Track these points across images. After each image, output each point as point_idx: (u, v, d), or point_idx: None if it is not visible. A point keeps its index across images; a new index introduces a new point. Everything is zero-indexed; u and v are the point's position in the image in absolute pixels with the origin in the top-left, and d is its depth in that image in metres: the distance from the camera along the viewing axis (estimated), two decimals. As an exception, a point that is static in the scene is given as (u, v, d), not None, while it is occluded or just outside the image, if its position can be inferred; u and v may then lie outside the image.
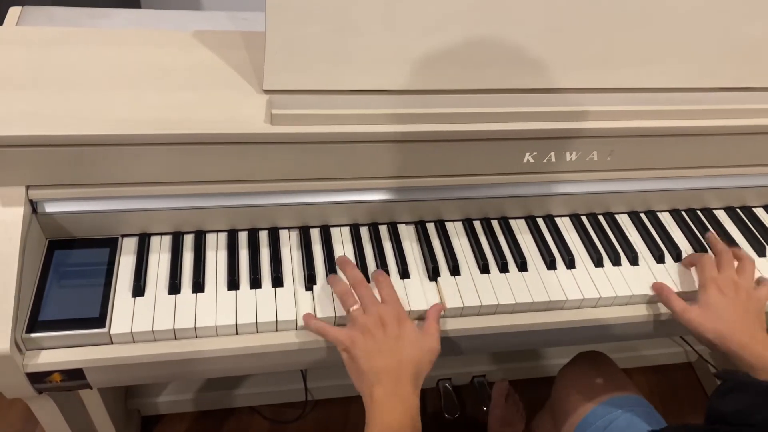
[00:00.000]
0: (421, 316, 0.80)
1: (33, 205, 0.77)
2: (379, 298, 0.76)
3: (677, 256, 0.91)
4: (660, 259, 0.90)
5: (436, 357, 0.74)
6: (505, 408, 1.41)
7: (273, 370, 0.82)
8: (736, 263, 0.84)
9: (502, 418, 1.39)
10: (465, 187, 0.88)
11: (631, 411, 0.89)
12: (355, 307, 0.74)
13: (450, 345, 0.82)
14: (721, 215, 1.00)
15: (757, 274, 0.85)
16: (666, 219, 0.98)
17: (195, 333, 0.75)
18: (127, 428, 1.26)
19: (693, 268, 0.87)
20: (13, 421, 1.32)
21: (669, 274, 0.88)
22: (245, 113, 0.77)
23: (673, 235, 0.94)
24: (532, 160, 0.85)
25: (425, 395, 1.47)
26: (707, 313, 0.78)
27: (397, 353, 0.70)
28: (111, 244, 0.82)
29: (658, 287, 0.84)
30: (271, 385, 1.38)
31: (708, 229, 0.96)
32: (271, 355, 0.77)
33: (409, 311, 0.79)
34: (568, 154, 0.85)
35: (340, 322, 0.78)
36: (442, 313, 0.79)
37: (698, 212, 0.99)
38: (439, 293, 0.82)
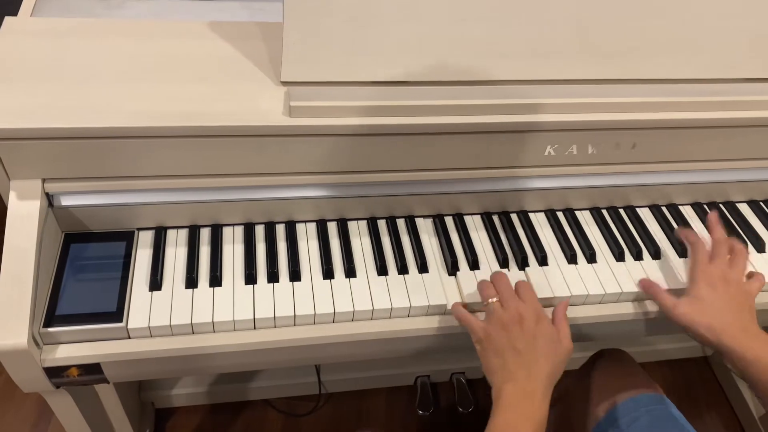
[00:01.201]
0: (438, 312, 0.79)
1: (49, 199, 0.76)
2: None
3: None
4: (682, 253, 0.89)
5: (569, 357, 0.72)
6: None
7: (290, 365, 0.81)
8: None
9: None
10: (484, 180, 0.87)
11: (653, 410, 0.87)
12: (494, 299, 0.73)
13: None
14: (744, 208, 0.98)
15: (750, 268, 0.84)
16: (688, 212, 0.96)
17: (213, 327, 0.75)
18: (141, 421, 1.26)
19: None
20: (27, 415, 1.32)
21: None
22: (263, 105, 0.75)
23: (695, 229, 0.93)
24: (553, 153, 0.83)
25: (437, 389, 1.47)
26: (698, 308, 0.76)
27: (531, 352, 0.69)
28: (127, 238, 0.81)
29: (645, 284, 0.82)
30: (285, 378, 1.37)
31: (731, 223, 0.95)
32: (289, 350, 0.77)
33: (427, 306, 0.78)
34: (590, 146, 0.84)
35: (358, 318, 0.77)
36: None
37: (721, 205, 0.98)
38: (459, 288, 0.81)
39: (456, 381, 1.42)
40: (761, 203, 0.99)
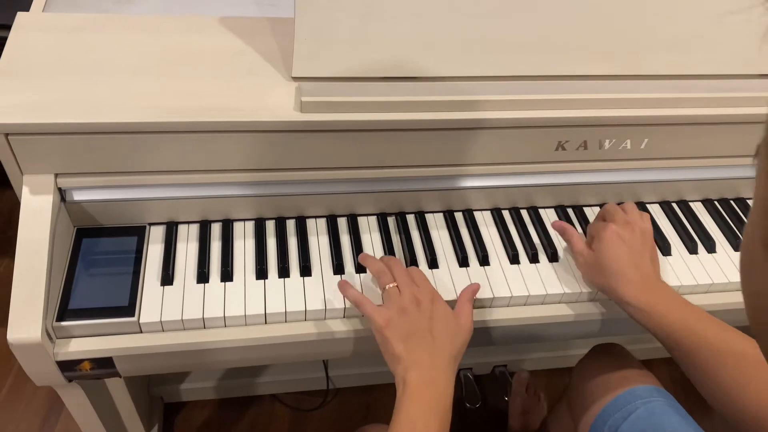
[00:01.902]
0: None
1: (62, 193, 0.77)
2: None
3: (710, 246, 0.89)
4: (693, 250, 0.89)
5: (469, 337, 0.72)
6: (526, 399, 1.40)
7: (300, 359, 0.81)
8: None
9: (522, 409, 1.38)
10: (495, 176, 0.87)
11: (651, 402, 0.87)
12: (392, 285, 0.73)
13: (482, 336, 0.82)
14: (755, 205, 0.97)
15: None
16: (698, 208, 0.96)
17: (224, 322, 0.75)
18: (150, 415, 1.26)
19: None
20: (38, 408, 1.33)
21: (702, 264, 0.87)
22: (274, 101, 0.75)
23: (705, 225, 0.92)
24: (564, 149, 0.83)
25: (446, 384, 1.47)
26: (598, 257, 0.76)
27: (431, 335, 0.69)
28: (138, 233, 0.82)
29: (558, 226, 0.84)
30: (293, 373, 1.38)
31: (741, 220, 0.94)
32: (300, 345, 0.77)
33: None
34: (601, 142, 0.84)
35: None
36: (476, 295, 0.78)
37: (731, 202, 0.97)
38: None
39: (463, 377, 1.42)
40: (772, 200, 0.98)
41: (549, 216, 0.92)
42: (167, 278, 0.77)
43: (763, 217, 0.30)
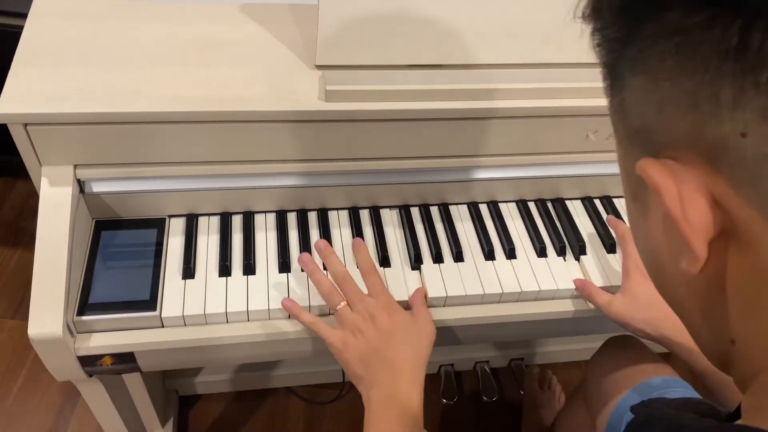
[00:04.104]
0: (462, 303, 0.77)
1: (80, 185, 0.75)
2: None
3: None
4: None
5: (433, 338, 0.70)
6: (539, 393, 1.38)
7: (324, 355, 0.80)
8: None
9: (535, 404, 1.37)
10: (522, 166, 0.85)
11: (669, 392, 0.86)
12: (342, 304, 0.70)
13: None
14: None
15: None
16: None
17: (247, 317, 0.74)
18: (165, 408, 1.25)
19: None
20: (53, 401, 1.32)
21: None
22: (298, 90, 0.73)
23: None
24: (593, 138, 0.81)
25: (461, 378, 1.46)
26: (631, 303, 0.73)
27: (391, 349, 0.67)
28: (158, 225, 0.80)
29: (579, 284, 0.79)
30: (308, 366, 1.37)
31: None
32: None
33: (446, 297, 0.77)
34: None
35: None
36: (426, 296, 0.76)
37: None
38: (497, 275, 0.79)
39: (480, 369, 1.40)
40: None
41: (576, 207, 0.89)
42: (188, 271, 0.75)
43: (624, 176, 0.34)
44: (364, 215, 0.85)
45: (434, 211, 0.87)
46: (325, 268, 0.75)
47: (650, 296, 0.72)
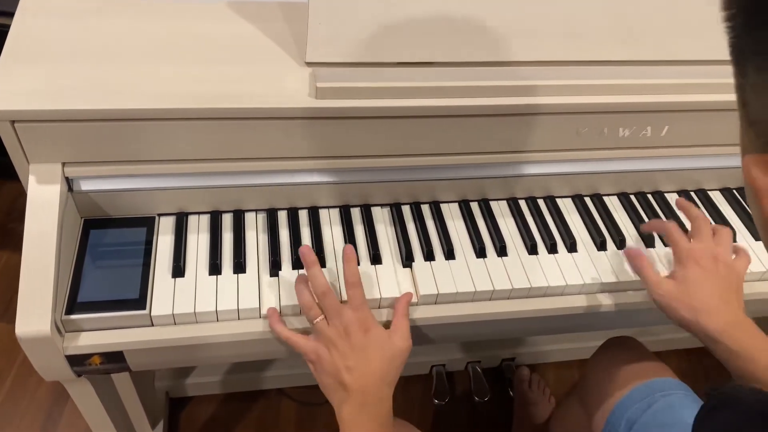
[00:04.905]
0: (454, 301, 0.78)
1: (69, 183, 0.74)
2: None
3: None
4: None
5: (407, 355, 0.71)
6: (529, 394, 1.39)
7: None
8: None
9: (526, 405, 1.37)
10: (512, 164, 0.85)
11: (670, 395, 0.86)
12: (319, 319, 0.70)
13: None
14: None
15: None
16: (717, 198, 0.94)
17: (238, 315, 0.73)
18: (155, 410, 1.24)
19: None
20: (41, 403, 1.31)
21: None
22: (288, 87, 0.73)
23: (725, 215, 0.91)
24: (583, 136, 0.81)
25: (453, 378, 1.46)
26: (683, 289, 0.70)
27: (363, 365, 0.67)
28: (148, 224, 0.80)
29: (633, 253, 0.77)
30: (300, 367, 1.36)
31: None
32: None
33: (456, 292, 0.77)
34: (621, 129, 0.82)
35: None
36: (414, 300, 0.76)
37: (750, 191, 0.96)
38: (487, 271, 0.79)
39: (472, 370, 1.40)
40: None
41: (566, 205, 0.90)
42: (178, 270, 0.75)
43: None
44: (355, 213, 0.85)
45: (425, 210, 0.87)
46: None
47: (700, 285, 0.70)
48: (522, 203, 0.89)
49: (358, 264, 0.78)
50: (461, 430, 1.39)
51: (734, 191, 0.95)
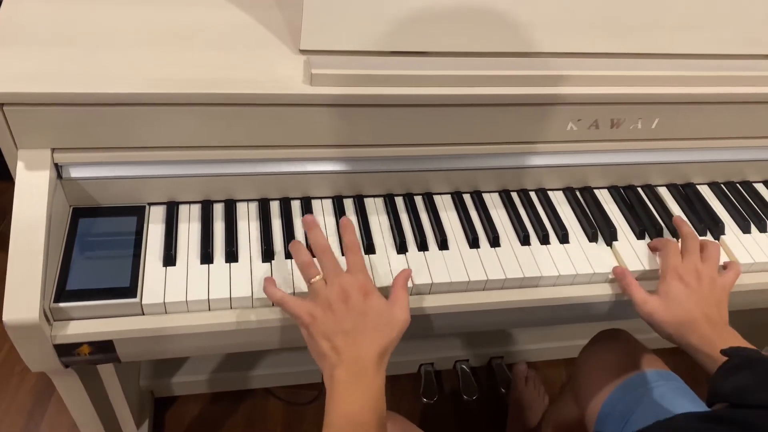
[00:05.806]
0: (447, 291, 0.77)
1: (58, 170, 0.73)
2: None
3: (720, 230, 0.88)
4: (701, 232, 0.88)
5: (405, 327, 0.68)
6: (525, 391, 1.39)
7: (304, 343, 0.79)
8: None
9: (522, 402, 1.37)
10: (504, 155, 0.85)
11: (662, 386, 0.86)
12: (317, 278, 0.67)
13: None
14: (761, 189, 0.97)
15: (724, 258, 0.84)
16: (705, 192, 0.95)
17: (230, 304, 0.72)
18: (140, 409, 1.22)
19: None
20: (23, 403, 1.28)
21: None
22: (282, 74, 0.73)
23: (714, 209, 0.92)
24: (575, 128, 0.82)
25: (441, 377, 1.45)
26: (667, 304, 0.74)
27: (360, 331, 0.65)
28: (138, 213, 0.78)
29: (619, 272, 0.79)
30: (287, 367, 1.35)
31: (748, 202, 0.94)
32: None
33: (450, 282, 0.76)
34: (612, 121, 0.82)
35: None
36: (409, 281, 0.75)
37: (737, 185, 0.97)
38: (482, 264, 0.79)
39: (460, 369, 1.40)
40: (779, 183, 0.98)
41: (557, 197, 0.90)
42: (170, 258, 0.74)
43: None
44: (348, 204, 0.85)
45: (419, 201, 0.86)
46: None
47: (683, 301, 0.73)
48: (514, 195, 0.89)
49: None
50: (450, 428, 1.38)
51: (722, 185, 0.96)
